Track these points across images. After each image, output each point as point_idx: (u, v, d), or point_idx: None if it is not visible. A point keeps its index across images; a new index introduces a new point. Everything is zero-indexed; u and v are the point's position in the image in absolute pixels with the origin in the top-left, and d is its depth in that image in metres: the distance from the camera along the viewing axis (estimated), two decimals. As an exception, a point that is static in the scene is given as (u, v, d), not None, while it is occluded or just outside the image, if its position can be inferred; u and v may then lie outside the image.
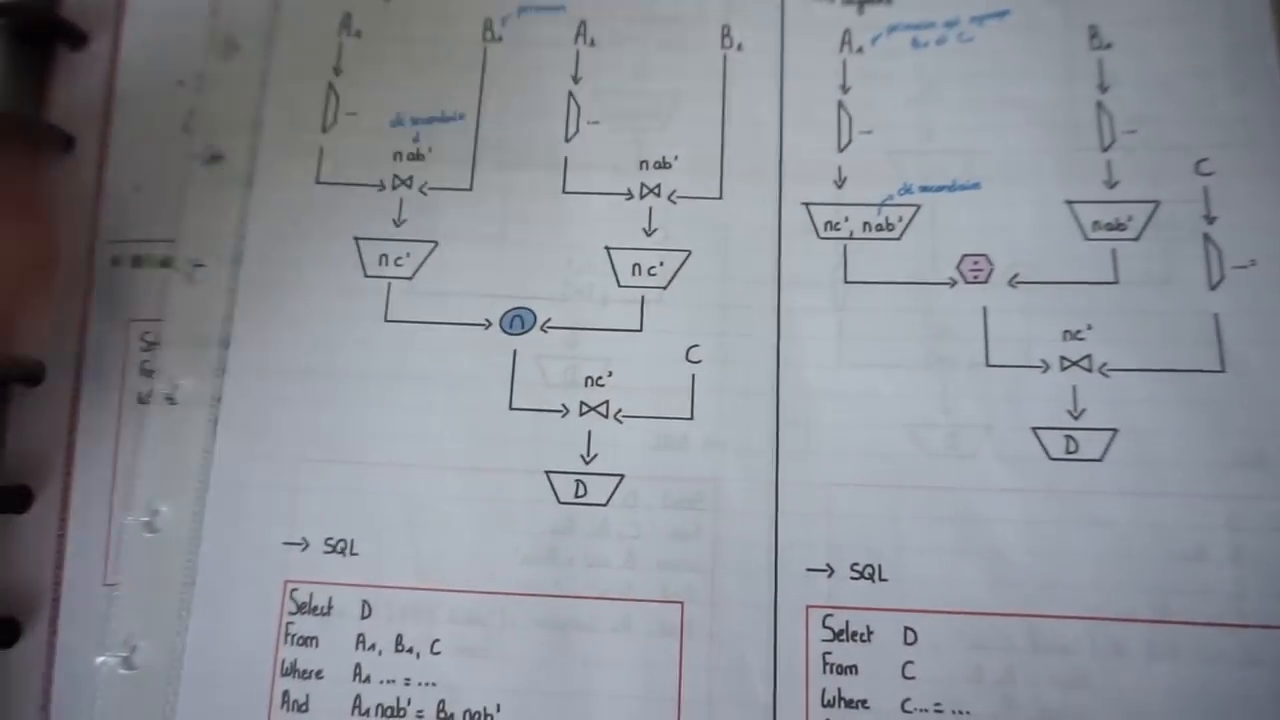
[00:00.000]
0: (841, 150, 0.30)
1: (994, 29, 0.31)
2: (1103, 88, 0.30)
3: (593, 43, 0.32)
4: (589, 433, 0.28)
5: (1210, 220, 0.29)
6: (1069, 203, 0.29)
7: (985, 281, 0.29)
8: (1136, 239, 0.29)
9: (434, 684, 0.27)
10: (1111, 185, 0.29)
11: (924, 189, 0.30)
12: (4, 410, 0.29)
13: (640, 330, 0.29)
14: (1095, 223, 0.29)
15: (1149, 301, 0.28)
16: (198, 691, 0.27)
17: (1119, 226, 0.29)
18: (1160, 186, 0.29)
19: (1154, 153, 0.29)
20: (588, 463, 0.28)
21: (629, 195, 0.30)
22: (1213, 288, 0.28)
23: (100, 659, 0.27)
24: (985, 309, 0.29)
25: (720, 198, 0.30)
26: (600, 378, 0.29)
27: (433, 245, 0.30)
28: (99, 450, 0.29)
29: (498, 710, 0.27)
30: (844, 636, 0.27)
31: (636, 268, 0.30)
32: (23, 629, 0.28)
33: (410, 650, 0.27)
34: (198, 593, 0.28)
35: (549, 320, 0.29)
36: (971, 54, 0.31)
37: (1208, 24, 0.30)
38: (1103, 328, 0.28)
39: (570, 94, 0.31)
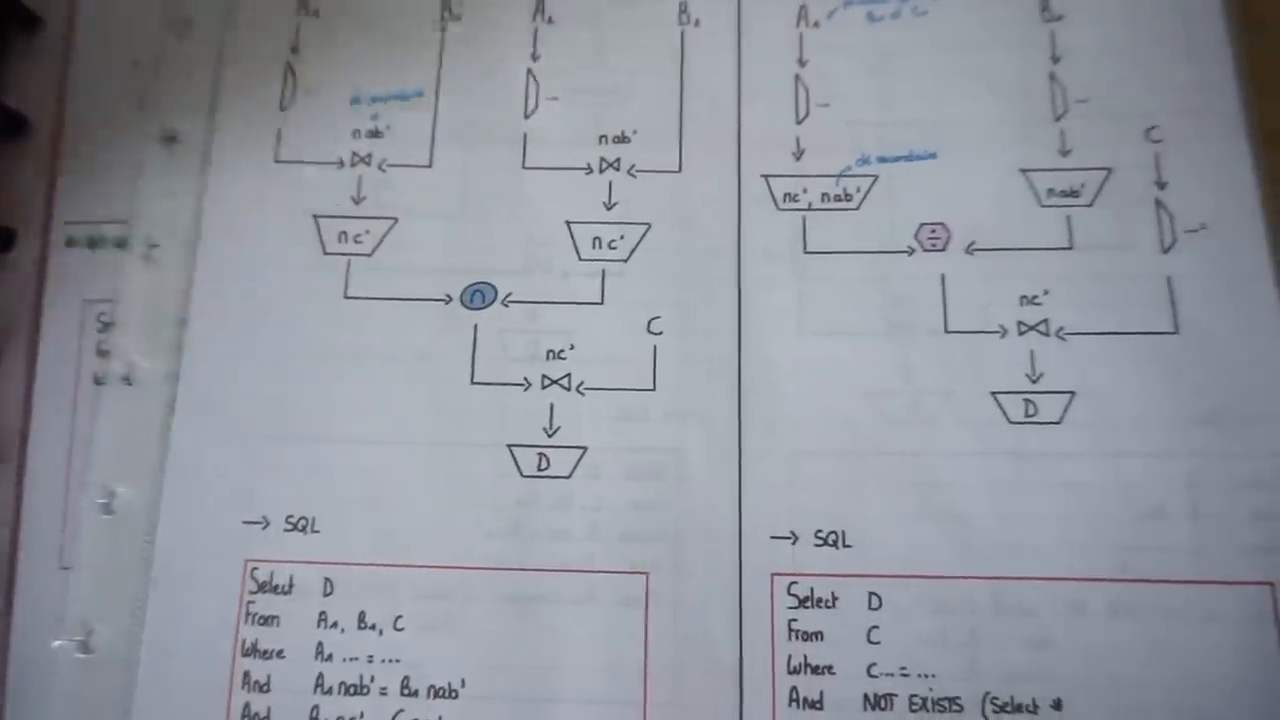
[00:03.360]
0: (799, 123, 0.31)
1: (947, 3, 0.31)
2: (1055, 58, 0.30)
3: (551, 20, 0.32)
4: (551, 406, 0.28)
5: (1161, 186, 0.29)
6: (1024, 171, 0.30)
7: (943, 249, 0.29)
8: (1090, 205, 0.29)
9: (397, 660, 0.27)
10: (1065, 153, 0.30)
11: (881, 160, 0.30)
12: (-43, 394, 0.29)
13: (601, 303, 0.29)
14: (1050, 190, 0.29)
15: (1103, 266, 0.29)
16: (157, 674, 0.27)
17: (1073, 194, 0.29)
18: (1112, 154, 0.29)
19: (1106, 121, 0.30)
20: (550, 436, 0.28)
21: (588, 169, 0.30)
22: (1165, 251, 0.29)
23: (57, 643, 0.27)
24: (943, 276, 0.29)
25: (679, 170, 0.30)
26: (562, 351, 0.29)
27: (392, 222, 0.30)
28: (54, 431, 0.29)
29: (462, 685, 0.26)
30: (809, 603, 0.27)
31: (597, 241, 0.30)
32: (-23, 614, 0.28)
33: (373, 627, 0.27)
34: (156, 574, 0.27)
35: (510, 295, 0.29)
36: (926, 27, 0.31)
37: (1157, -5, 0.31)
38: (1059, 293, 0.28)
39: (529, 71, 0.31)
